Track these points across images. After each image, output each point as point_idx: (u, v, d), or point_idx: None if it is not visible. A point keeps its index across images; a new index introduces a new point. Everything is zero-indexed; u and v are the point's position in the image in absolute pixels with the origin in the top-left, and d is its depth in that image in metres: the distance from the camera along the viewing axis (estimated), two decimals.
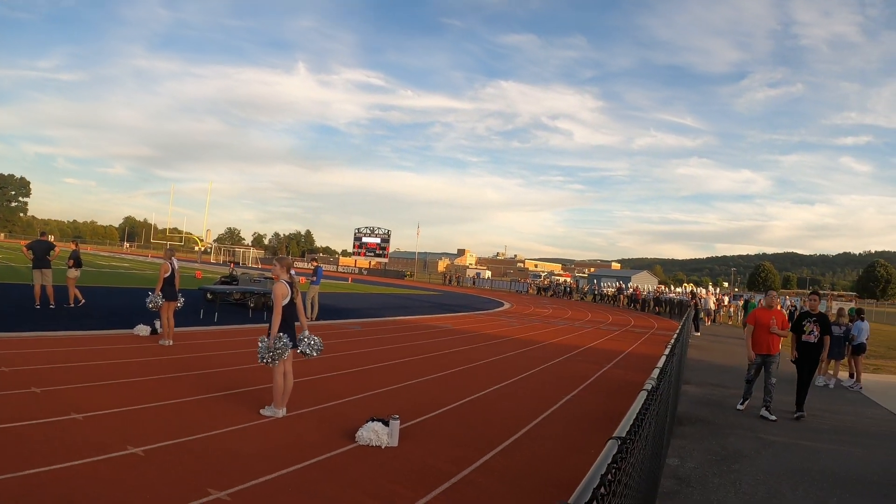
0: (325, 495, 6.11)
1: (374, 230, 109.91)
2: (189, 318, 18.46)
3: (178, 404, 8.97)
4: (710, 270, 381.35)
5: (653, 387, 3.85)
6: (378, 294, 47.37)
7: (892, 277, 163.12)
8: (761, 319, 12.30)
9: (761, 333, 12.28)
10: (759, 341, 12.31)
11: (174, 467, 6.43)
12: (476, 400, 11.41)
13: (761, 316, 12.37)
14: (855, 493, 7.78)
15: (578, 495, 1.70)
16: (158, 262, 17.57)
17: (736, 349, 25.71)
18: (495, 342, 21.29)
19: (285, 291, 9.01)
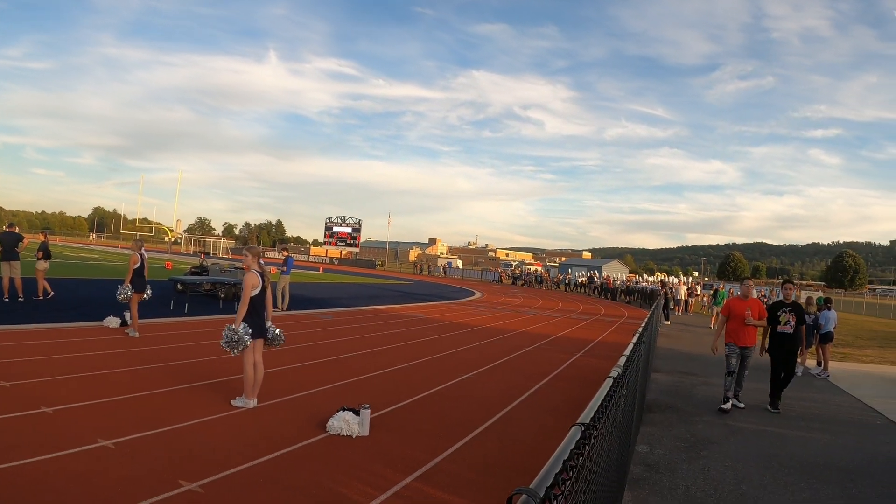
0: (296, 485, 6.14)
1: (345, 220, 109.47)
2: (159, 309, 18.36)
3: (149, 396, 8.93)
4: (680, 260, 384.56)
5: (618, 374, 3.90)
6: (349, 283, 47.28)
7: (860, 268, 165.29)
8: (736, 310, 11.80)
9: (736, 324, 11.77)
10: (735, 333, 11.78)
11: (145, 459, 6.41)
12: (447, 388, 11.47)
13: (736, 306, 11.87)
14: (822, 478, 7.92)
15: (540, 480, 1.72)
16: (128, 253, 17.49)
17: (705, 338, 25.97)
18: (466, 331, 21.36)
19: (256, 282, 9.00)
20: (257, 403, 8.94)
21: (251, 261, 9.23)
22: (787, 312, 11.87)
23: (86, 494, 5.46)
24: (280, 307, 21.70)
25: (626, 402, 5.33)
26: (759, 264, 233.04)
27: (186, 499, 5.57)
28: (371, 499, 5.97)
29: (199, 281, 23.37)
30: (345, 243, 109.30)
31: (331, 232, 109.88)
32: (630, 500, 6.55)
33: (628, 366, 4.67)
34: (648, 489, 7.02)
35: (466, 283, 71.10)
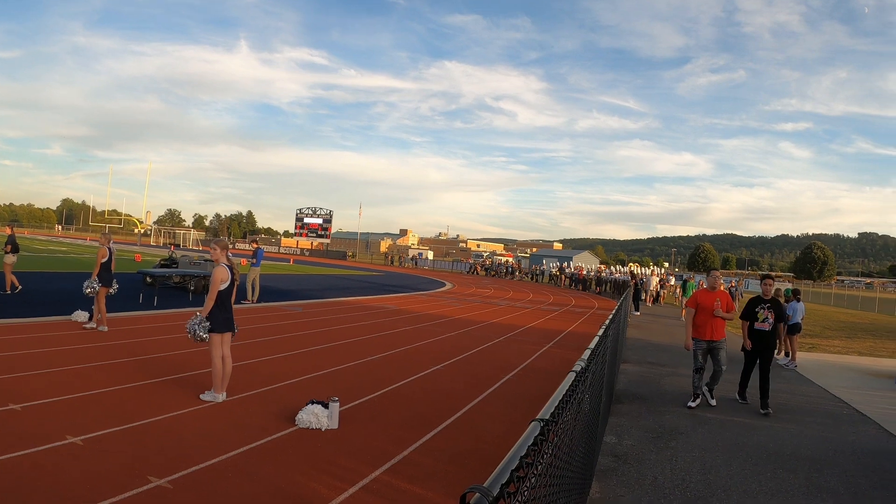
0: (265, 479, 6.15)
1: (315, 211, 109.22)
2: (128, 302, 18.22)
3: (118, 391, 8.89)
4: (650, 251, 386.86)
5: (581, 368, 3.94)
6: (320, 275, 47.16)
7: (829, 259, 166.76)
8: (704, 302, 11.35)
9: (704, 317, 11.32)
10: (703, 326, 11.34)
11: (114, 455, 6.39)
12: (416, 381, 11.50)
13: (703, 298, 11.42)
14: (788, 468, 8.03)
15: (495, 478, 1.74)
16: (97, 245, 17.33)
17: (674, 329, 26.18)
18: (436, 322, 21.40)
19: (224, 276, 8.98)
20: (226, 397, 8.92)
21: (219, 254, 9.20)
22: (766, 309, 11.50)
23: (54, 492, 5.44)
24: (250, 299, 21.61)
25: (593, 394, 5.38)
26: (728, 255, 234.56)
27: (155, 494, 5.56)
28: (340, 492, 5.99)
29: (169, 273, 23.23)
30: (315, 234, 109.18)
31: (301, 223, 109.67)
32: (598, 492, 6.62)
33: (592, 359, 4.71)
34: (616, 480, 7.09)
35: (437, 275, 71.15)
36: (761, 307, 11.54)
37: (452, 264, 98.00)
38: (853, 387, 14.30)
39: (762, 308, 11.53)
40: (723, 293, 11.52)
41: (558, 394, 3.03)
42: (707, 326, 11.32)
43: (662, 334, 23.73)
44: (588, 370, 4.39)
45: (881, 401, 12.92)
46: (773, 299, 11.67)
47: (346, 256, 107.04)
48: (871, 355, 21.34)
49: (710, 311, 11.28)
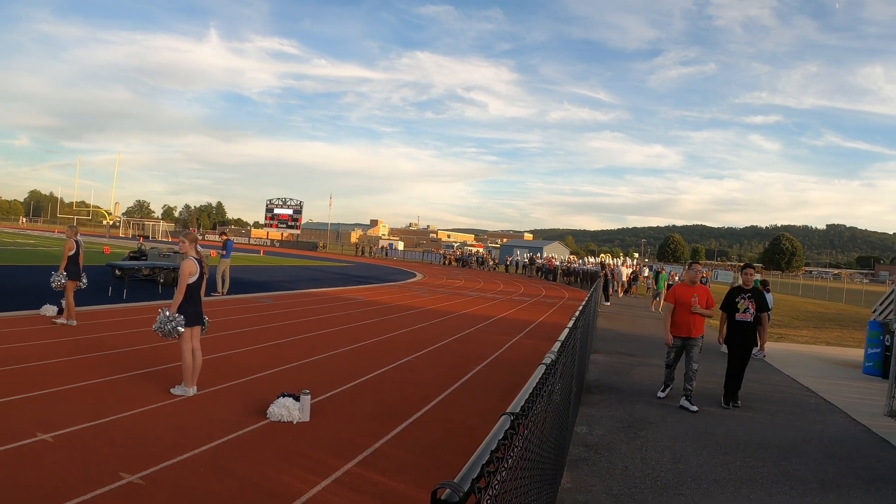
0: (237, 473, 6.14)
1: (286, 201, 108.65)
2: (97, 295, 18.03)
3: (88, 386, 8.81)
4: (621, 242, 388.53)
5: (552, 360, 3.96)
6: (290, 266, 46.95)
7: (797, 250, 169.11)
8: (682, 297, 10.89)
9: (682, 313, 10.86)
10: (681, 323, 10.89)
11: (85, 452, 6.34)
12: (388, 372, 11.51)
13: (682, 293, 10.95)
14: (757, 456, 8.15)
15: (465, 473, 1.76)
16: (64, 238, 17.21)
17: (644, 320, 26.41)
18: (407, 313, 21.42)
19: (193, 269, 8.92)
20: (197, 391, 8.88)
21: (188, 246, 9.13)
22: (747, 299, 10.89)
23: (26, 490, 5.38)
24: (220, 291, 21.50)
25: (564, 385, 5.42)
26: (698, 246, 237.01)
27: (127, 491, 5.53)
28: (313, 485, 6.00)
29: (138, 266, 23.01)
30: (286, 225, 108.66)
31: (272, 214, 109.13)
32: (569, 482, 6.68)
33: (562, 352, 4.74)
34: (587, 469, 7.15)
35: (408, 265, 71.22)
36: (742, 297, 10.95)
37: (423, 255, 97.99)
38: (820, 376, 14.50)
39: (743, 298, 10.94)
40: (702, 288, 11.02)
41: (528, 387, 3.05)
42: (685, 323, 10.87)
43: (632, 325, 23.92)
44: (558, 362, 4.42)
45: (848, 390, 13.11)
46: (755, 289, 11.11)
47: (316, 247, 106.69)
48: (839, 345, 21.70)
49: (688, 307, 10.80)
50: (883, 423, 10.34)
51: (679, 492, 6.68)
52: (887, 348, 14.57)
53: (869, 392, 12.96)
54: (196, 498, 5.52)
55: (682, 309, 10.89)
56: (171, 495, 5.52)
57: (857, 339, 23.21)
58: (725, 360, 11.13)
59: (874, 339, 15.42)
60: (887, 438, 9.41)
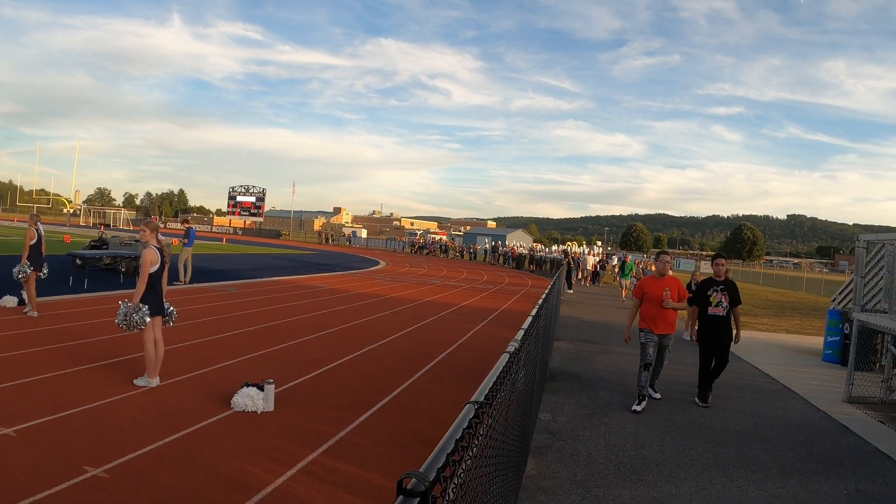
0: (203, 465, 6.12)
1: (248, 189, 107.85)
2: (58, 286, 17.79)
3: (50, 379, 8.71)
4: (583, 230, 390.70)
5: (515, 349, 4.00)
6: (253, 254, 46.67)
7: (758, 240, 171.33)
8: (652, 291, 10.06)
9: (653, 308, 10.03)
10: (654, 318, 10.02)
11: (48, 446, 6.28)
12: (352, 360, 11.52)
13: (651, 287, 10.13)
14: (719, 442, 8.29)
15: (431, 462, 1.78)
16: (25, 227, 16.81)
17: (607, 309, 26.64)
18: (371, 301, 21.40)
19: (155, 258, 8.84)
20: (160, 382, 8.82)
21: (149, 235, 9.05)
22: (719, 292, 10.29)
23: None
24: (183, 280, 21.32)
25: (528, 373, 5.46)
26: (660, 235, 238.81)
27: (92, 484, 5.50)
28: (278, 475, 6.00)
29: (99, 255, 22.75)
30: (249, 213, 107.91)
31: (234, 202, 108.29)
32: (534, 468, 6.74)
33: (526, 340, 4.78)
34: (551, 456, 7.23)
35: (371, 253, 71.10)
36: (714, 290, 10.34)
37: (386, 242, 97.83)
38: (781, 363, 14.73)
39: (715, 291, 10.33)
40: (673, 280, 10.20)
41: (492, 375, 3.08)
42: (658, 318, 10.01)
43: (595, 313, 24.12)
44: (522, 350, 4.46)
45: (808, 377, 13.33)
46: (727, 281, 10.50)
47: (279, 235, 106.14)
48: (798, 333, 22.08)
49: (658, 301, 9.95)
50: (842, 410, 10.55)
51: (642, 478, 6.77)
52: (846, 336, 14.84)
53: (828, 379, 13.19)
54: (161, 490, 5.50)
55: (653, 304, 10.04)
56: (135, 488, 5.49)
57: (816, 328, 23.59)
58: (689, 348, 11.24)
59: (833, 328, 15.71)
60: (846, 424, 9.61)
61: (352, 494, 5.75)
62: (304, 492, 5.71)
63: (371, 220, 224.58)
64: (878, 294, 13.37)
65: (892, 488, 7.01)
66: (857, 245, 12.08)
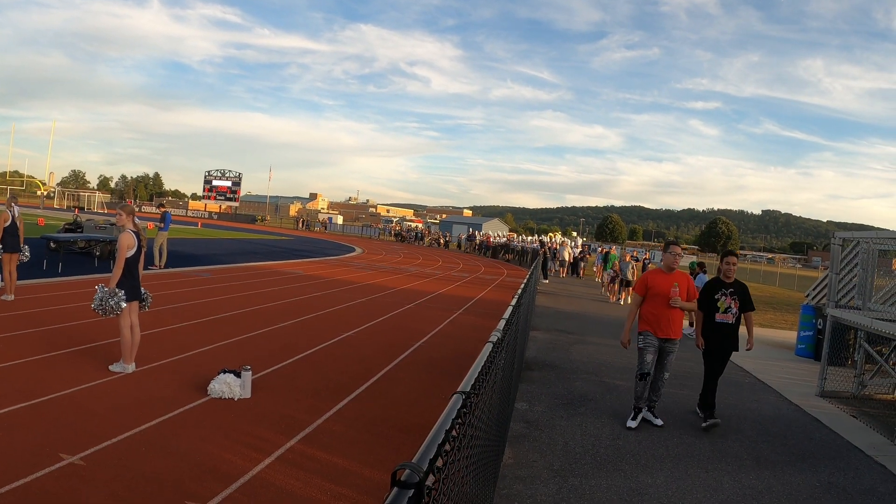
0: (180, 452, 6.09)
1: (224, 173, 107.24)
2: (31, 269, 17.56)
3: (24, 364, 8.62)
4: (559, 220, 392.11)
5: (498, 339, 4.01)
6: (229, 239, 46.43)
7: (733, 234, 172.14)
8: (657, 286, 8.63)
9: (658, 308, 8.59)
10: (657, 319, 8.57)
11: (23, 433, 6.23)
12: (328, 347, 11.50)
13: (657, 281, 8.69)
14: (693, 433, 8.40)
15: (423, 453, 1.80)
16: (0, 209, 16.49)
17: (582, 300, 26.78)
18: (347, 288, 21.37)
19: (131, 242, 8.77)
20: (136, 368, 8.76)
21: (126, 219, 8.96)
22: (728, 295, 8.84)
23: None
24: (157, 265, 21.17)
25: (507, 362, 5.48)
26: (636, 227, 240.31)
27: (68, 472, 5.45)
28: (255, 463, 5.99)
29: (73, 238, 22.54)
30: (224, 197, 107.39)
31: (210, 186, 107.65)
32: (511, 458, 6.77)
33: (508, 330, 4.80)
34: (528, 445, 7.26)
35: (347, 239, 70.90)
36: (722, 293, 8.87)
37: (362, 229, 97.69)
38: (755, 357, 14.81)
39: (723, 294, 8.86)
40: (682, 275, 8.88)
41: (477, 365, 3.09)
42: (663, 319, 8.59)
43: (570, 303, 24.22)
44: (504, 340, 4.48)
45: (780, 370, 13.47)
46: (737, 282, 9.03)
47: (255, 220, 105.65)
48: (772, 327, 22.28)
49: (665, 299, 8.54)
50: (814, 403, 10.68)
51: (619, 467, 6.83)
52: (819, 332, 15.03)
53: (801, 373, 13.36)
54: (138, 477, 5.48)
55: (658, 302, 8.61)
56: (112, 475, 5.46)
57: (789, 322, 23.85)
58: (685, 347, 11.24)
59: (807, 323, 15.89)
60: (818, 418, 9.73)
61: (330, 482, 5.76)
62: (281, 479, 5.71)
63: (347, 207, 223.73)
64: (852, 291, 13.52)
65: (863, 481, 7.10)
66: (832, 242, 12.20)
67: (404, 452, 6.70)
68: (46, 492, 5.09)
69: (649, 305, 8.70)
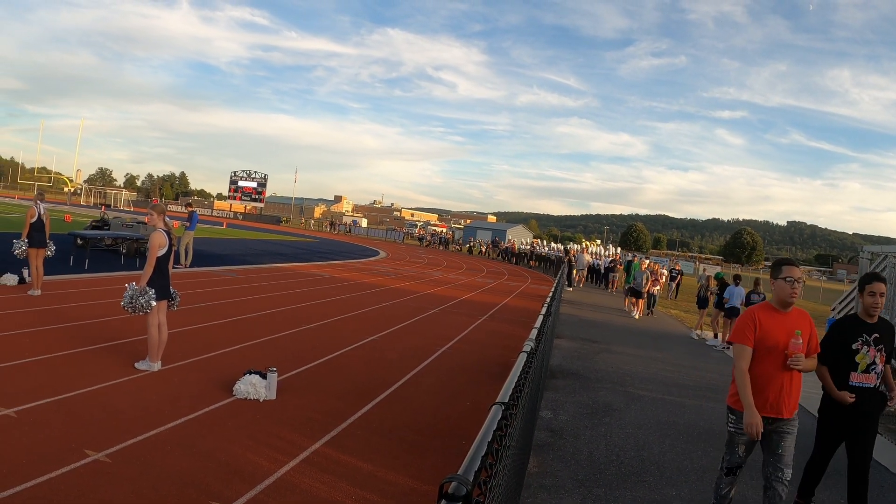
0: (204, 452, 6.09)
1: (250, 174, 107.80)
2: (58, 265, 17.69)
3: (50, 360, 8.66)
4: (583, 227, 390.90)
5: (531, 348, 3.98)
6: (254, 240, 46.62)
7: (758, 245, 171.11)
8: (773, 335, 5.27)
9: (769, 367, 5.28)
10: (765, 385, 5.28)
11: (49, 428, 6.24)
12: (353, 350, 11.49)
13: (772, 327, 5.29)
14: (717, 445, 8.23)
15: (468, 465, 1.77)
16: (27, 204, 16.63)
17: (606, 308, 26.63)
18: (371, 291, 21.38)
19: (163, 241, 8.80)
20: (162, 366, 8.79)
21: (157, 219, 9.01)
22: (873, 345, 5.86)
23: None
24: (183, 264, 21.28)
25: (535, 371, 5.45)
26: (660, 236, 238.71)
27: (93, 469, 5.46)
28: (281, 465, 5.98)
29: (100, 236, 22.72)
30: (249, 198, 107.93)
31: (235, 186, 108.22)
32: (536, 466, 6.73)
33: (540, 338, 4.77)
34: (553, 455, 7.21)
35: (371, 242, 71.07)
36: (863, 340, 5.88)
37: (386, 233, 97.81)
38: None
39: (865, 343, 5.88)
40: (803, 315, 5.44)
41: (513, 375, 3.06)
42: (773, 386, 5.28)
43: (594, 311, 24.10)
44: (537, 350, 4.45)
45: (805, 385, 13.24)
46: (882, 322, 6.05)
47: (280, 221, 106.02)
48: None
49: (780, 356, 5.23)
50: None
51: (643, 479, 6.76)
52: None
53: None
54: (162, 476, 5.47)
55: (770, 359, 5.27)
56: (137, 473, 5.46)
57: None
58: (700, 350, 11.13)
59: None
60: None
61: (355, 486, 5.73)
62: (306, 482, 5.69)
63: (371, 210, 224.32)
64: None
65: (888, 498, 7.02)
66: (861, 256, 12.07)
67: (429, 458, 6.68)
68: (71, 488, 5.10)
69: (762, 366, 5.28)
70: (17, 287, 13.82)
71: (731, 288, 17.95)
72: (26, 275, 13.89)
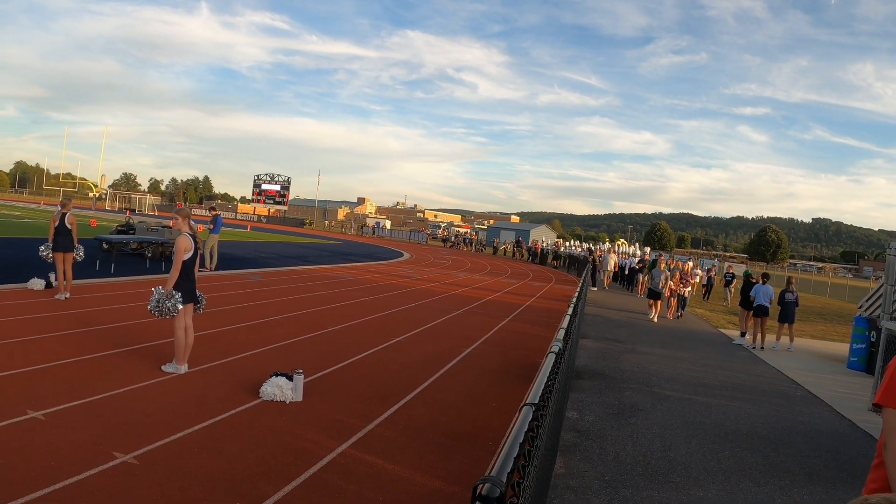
0: (230, 453, 6.11)
1: (273, 177, 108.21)
2: (84, 269, 17.83)
3: (78, 363, 8.73)
4: (607, 227, 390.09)
5: (559, 349, 3.96)
6: (278, 242, 46.77)
7: (783, 242, 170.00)
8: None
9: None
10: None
11: (77, 430, 6.28)
12: (378, 352, 11.49)
13: None
14: (744, 446, 8.22)
15: (500, 466, 1.75)
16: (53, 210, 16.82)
17: (631, 309, 26.50)
18: (396, 293, 21.39)
19: (189, 245, 8.85)
20: (188, 369, 8.83)
21: (182, 223, 9.06)
22: None
23: (20, 469, 5.33)
24: (208, 267, 21.40)
25: (561, 372, 5.43)
26: (684, 234, 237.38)
27: (121, 470, 5.50)
28: (308, 466, 5.99)
29: (126, 240, 22.88)
30: (273, 201, 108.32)
31: (259, 189, 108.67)
32: (562, 467, 6.70)
33: (567, 339, 4.75)
34: (579, 455, 7.18)
35: (395, 244, 71.07)
36: None
37: (410, 234, 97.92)
38: (806, 369, 14.62)
39: None
40: None
41: (542, 376, 3.04)
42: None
43: (619, 312, 23.98)
44: (565, 351, 4.43)
45: (832, 384, 13.20)
46: None
47: (303, 224, 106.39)
48: (823, 339, 21.83)
49: None
50: (867, 418, 10.41)
51: (670, 480, 6.73)
52: (872, 344, 14.68)
53: (853, 387, 13.08)
54: (191, 478, 5.50)
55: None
56: (165, 475, 5.49)
57: (841, 334, 23.36)
58: (726, 348, 11.08)
59: (860, 335, 15.54)
60: (871, 433, 9.50)
61: (381, 487, 5.73)
62: (334, 483, 5.70)
63: (395, 212, 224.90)
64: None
65: None
66: (888, 253, 11.92)
67: (455, 459, 6.67)
68: (99, 490, 5.13)
69: None
70: (45, 291, 13.94)
71: (758, 286, 17.78)
72: (53, 279, 14.01)
